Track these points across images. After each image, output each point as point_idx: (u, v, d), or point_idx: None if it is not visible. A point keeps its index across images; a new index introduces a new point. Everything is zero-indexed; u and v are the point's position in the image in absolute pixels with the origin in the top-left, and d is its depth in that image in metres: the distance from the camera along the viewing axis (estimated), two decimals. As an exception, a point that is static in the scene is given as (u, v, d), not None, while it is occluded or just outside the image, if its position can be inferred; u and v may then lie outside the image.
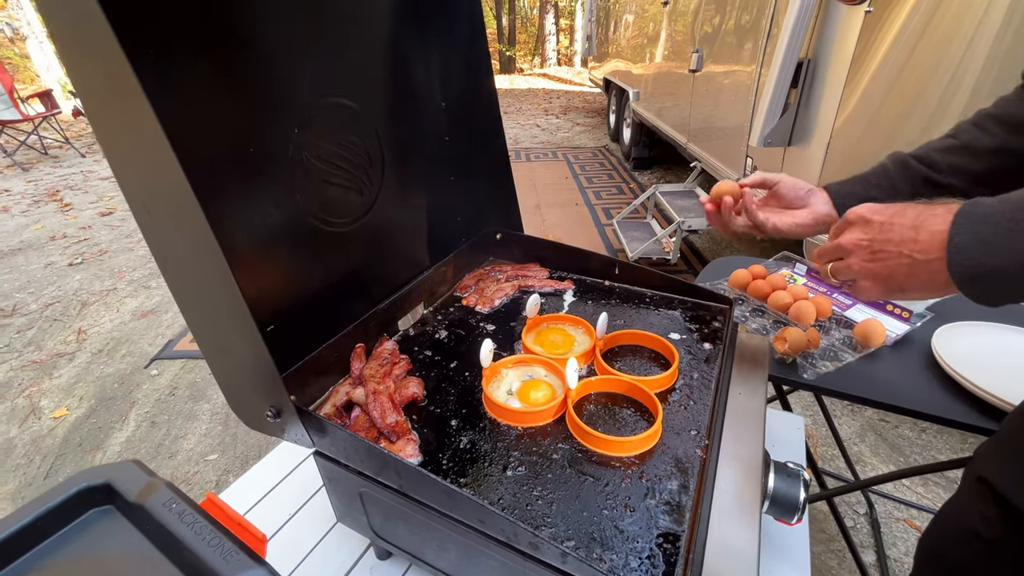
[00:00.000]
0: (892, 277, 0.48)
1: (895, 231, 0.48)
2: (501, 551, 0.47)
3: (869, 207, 0.51)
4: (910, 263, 0.46)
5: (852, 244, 0.51)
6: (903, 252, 0.46)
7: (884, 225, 0.49)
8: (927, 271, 0.45)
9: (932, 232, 0.44)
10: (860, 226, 0.51)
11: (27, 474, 1.82)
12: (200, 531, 0.43)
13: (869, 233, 0.50)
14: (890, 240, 0.48)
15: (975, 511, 0.62)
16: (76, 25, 0.38)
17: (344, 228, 0.71)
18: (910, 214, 0.47)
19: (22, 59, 10.52)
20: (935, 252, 0.44)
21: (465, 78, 0.87)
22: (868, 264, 0.50)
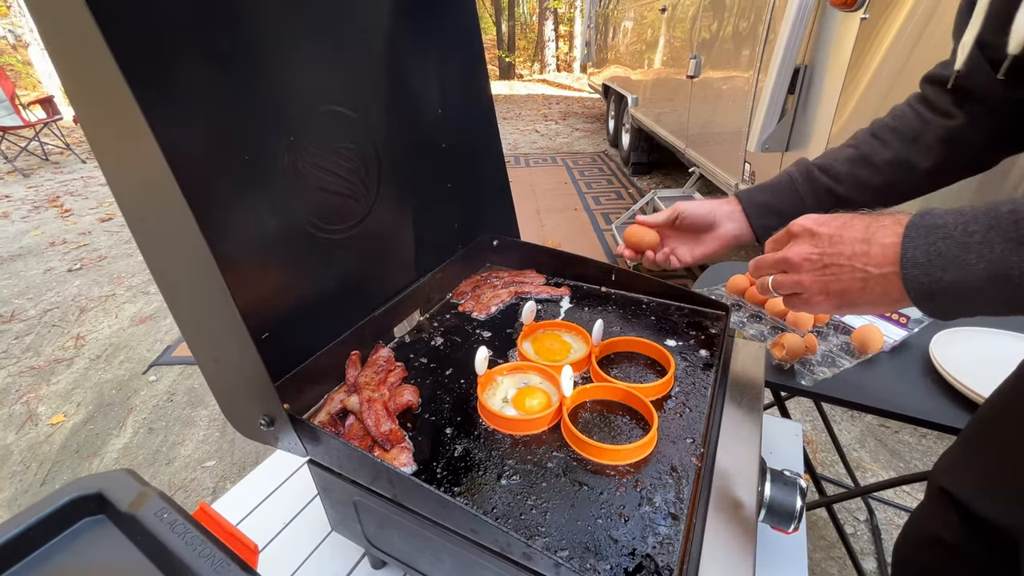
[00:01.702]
0: (846, 292, 0.46)
1: (846, 244, 0.45)
2: (495, 561, 0.46)
3: (814, 219, 0.49)
4: (864, 277, 0.44)
5: (800, 258, 0.49)
6: (856, 266, 0.44)
7: (833, 238, 0.47)
8: (882, 286, 0.43)
9: (884, 245, 0.43)
10: (807, 239, 0.49)
11: (23, 481, 1.81)
12: (191, 542, 0.43)
13: (818, 246, 0.47)
14: (841, 254, 0.45)
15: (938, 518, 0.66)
16: (68, 33, 0.38)
17: (340, 235, 0.71)
18: (859, 226, 0.45)
19: (24, 65, 10.58)
20: (888, 266, 0.42)
21: (462, 85, 0.87)
22: (820, 278, 0.47)
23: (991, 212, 0.37)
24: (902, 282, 0.41)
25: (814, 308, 0.50)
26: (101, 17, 0.34)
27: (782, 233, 0.52)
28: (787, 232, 0.51)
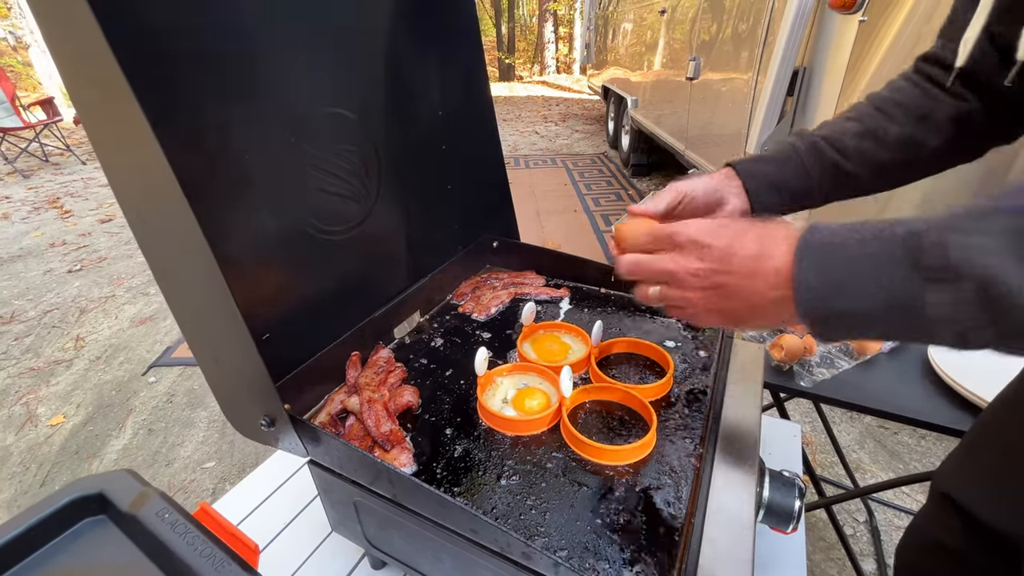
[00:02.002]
0: (737, 312, 0.43)
1: (736, 262, 0.42)
2: (494, 561, 0.47)
3: (701, 228, 0.45)
4: (756, 302, 0.41)
5: (687, 273, 0.44)
6: (747, 287, 0.41)
7: (724, 254, 0.42)
8: (774, 308, 0.40)
9: (776, 267, 0.39)
10: (694, 251, 0.44)
11: (23, 482, 1.81)
12: (192, 541, 0.43)
13: (706, 262, 0.43)
14: (731, 272, 0.42)
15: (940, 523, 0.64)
16: (71, 34, 0.38)
17: (340, 236, 0.71)
18: (751, 241, 0.42)
19: (24, 67, 10.58)
20: (781, 289, 0.39)
21: (462, 87, 0.87)
22: (710, 297, 0.44)
23: (886, 232, 0.35)
24: (795, 307, 0.38)
25: (702, 323, 0.47)
26: (104, 18, 0.35)
27: (665, 238, 0.47)
28: (670, 239, 0.46)
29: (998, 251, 0.30)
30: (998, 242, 0.30)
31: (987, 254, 0.30)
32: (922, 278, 0.32)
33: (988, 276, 0.30)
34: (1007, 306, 0.30)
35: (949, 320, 0.32)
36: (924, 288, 0.32)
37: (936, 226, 0.33)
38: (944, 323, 0.32)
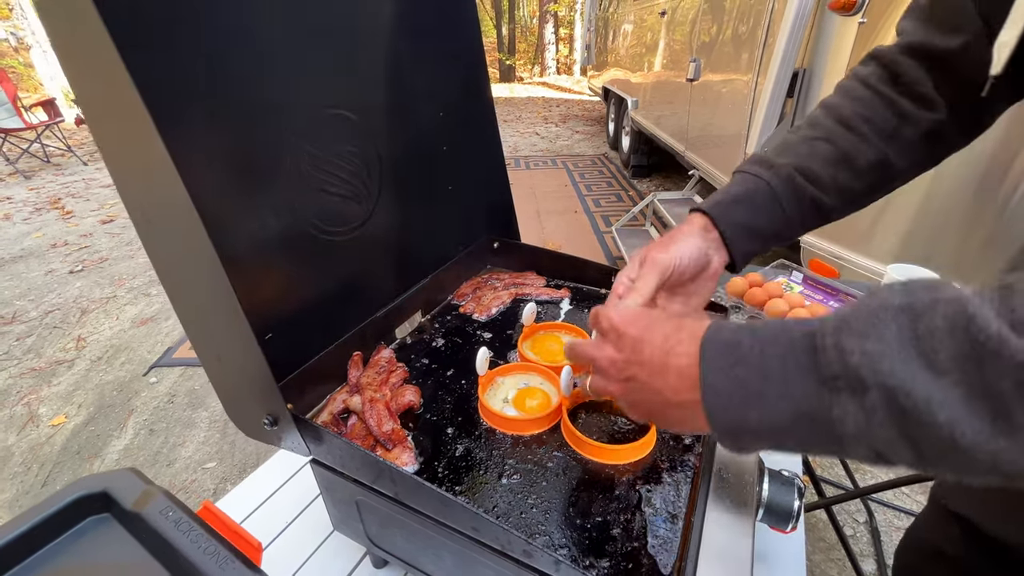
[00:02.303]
0: (652, 413, 0.40)
1: (646, 353, 0.39)
2: (496, 559, 0.47)
3: (623, 315, 0.43)
4: (663, 401, 0.38)
5: (606, 362, 0.42)
6: (654, 386, 0.38)
7: (636, 344, 0.40)
8: (682, 413, 0.37)
9: (680, 367, 0.36)
10: (613, 340, 0.42)
11: (24, 482, 1.82)
12: (196, 539, 0.43)
13: (622, 352, 0.41)
14: (642, 365, 0.39)
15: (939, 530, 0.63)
16: (77, 35, 0.39)
17: (342, 237, 0.72)
18: (659, 333, 0.39)
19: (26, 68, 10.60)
20: (688, 393, 0.35)
21: (463, 88, 0.88)
22: (625, 390, 0.41)
23: (786, 333, 0.31)
24: (705, 416, 0.34)
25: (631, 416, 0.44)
26: (109, 17, 0.35)
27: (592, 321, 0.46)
28: (597, 323, 0.45)
29: (900, 356, 0.26)
30: (898, 346, 0.26)
31: (887, 360, 0.26)
32: (825, 388, 0.28)
33: (893, 386, 0.26)
34: (918, 422, 0.25)
35: (859, 436, 0.28)
36: (829, 399, 0.28)
37: (831, 328, 0.29)
38: (855, 439, 0.28)
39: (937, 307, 0.26)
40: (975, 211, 1.46)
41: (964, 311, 0.25)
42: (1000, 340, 0.23)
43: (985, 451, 0.24)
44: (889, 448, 0.27)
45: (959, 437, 0.24)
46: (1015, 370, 0.23)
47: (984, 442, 0.24)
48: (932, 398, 0.25)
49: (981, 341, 0.24)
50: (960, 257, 1.51)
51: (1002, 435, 0.23)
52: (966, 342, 0.24)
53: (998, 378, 0.23)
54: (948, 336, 0.25)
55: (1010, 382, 0.23)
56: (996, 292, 0.25)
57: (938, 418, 0.24)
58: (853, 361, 0.27)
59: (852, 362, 0.27)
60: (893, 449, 0.27)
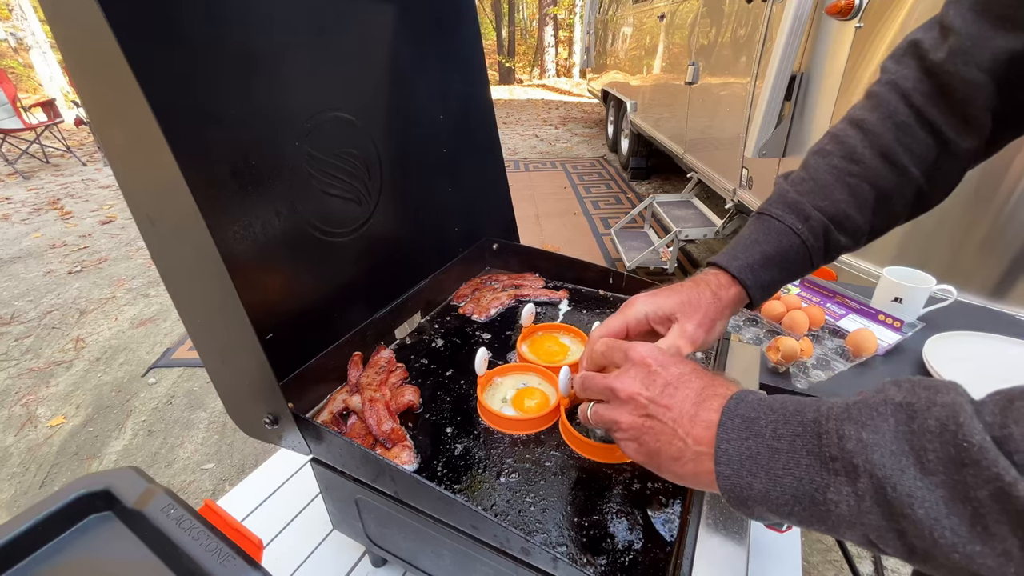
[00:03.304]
0: (658, 453, 0.40)
1: (677, 399, 0.39)
2: (494, 557, 0.47)
3: (657, 355, 0.42)
4: (681, 448, 0.38)
5: (628, 394, 0.41)
6: (677, 432, 0.38)
7: (667, 388, 0.40)
8: (694, 464, 0.37)
9: (707, 423, 0.37)
10: (642, 375, 0.42)
11: (22, 483, 1.82)
12: (198, 536, 0.44)
13: (650, 390, 0.40)
14: (669, 410, 0.39)
15: None
16: (83, 38, 0.39)
17: (343, 238, 0.72)
18: (695, 387, 0.39)
19: (25, 69, 10.61)
20: (706, 445, 0.36)
21: (463, 91, 0.89)
22: (639, 425, 0.41)
23: (798, 416, 0.32)
24: (714, 476, 0.35)
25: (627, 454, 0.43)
26: (116, 23, 0.35)
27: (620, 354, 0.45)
28: (625, 355, 0.44)
29: (892, 449, 0.27)
30: (892, 439, 0.27)
31: (879, 451, 0.27)
32: (825, 468, 0.30)
33: (881, 476, 0.27)
34: (901, 514, 0.26)
35: (851, 521, 0.28)
36: (827, 480, 0.30)
37: (835, 414, 0.30)
38: (847, 523, 0.29)
39: (933, 409, 0.27)
40: (971, 215, 1.47)
41: (956, 418, 0.26)
42: (981, 451, 0.24)
43: (962, 553, 0.25)
44: (880, 537, 0.28)
45: (938, 536, 0.25)
46: (991, 480, 0.24)
47: (961, 545, 0.24)
48: (915, 495, 0.26)
49: (965, 447, 0.25)
50: (956, 260, 1.52)
51: (978, 540, 0.24)
52: (952, 446, 0.25)
53: (977, 486, 0.24)
54: (938, 438, 0.26)
55: (987, 492, 0.24)
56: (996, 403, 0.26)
57: (917, 513, 0.25)
58: (849, 447, 0.29)
59: (848, 447, 0.29)
60: (884, 539, 0.28)
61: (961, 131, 0.48)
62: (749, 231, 0.54)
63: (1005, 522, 0.23)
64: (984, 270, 1.48)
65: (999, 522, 0.23)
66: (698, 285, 0.52)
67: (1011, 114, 0.46)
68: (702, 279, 0.53)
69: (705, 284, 0.52)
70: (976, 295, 1.49)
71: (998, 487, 0.23)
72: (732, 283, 0.52)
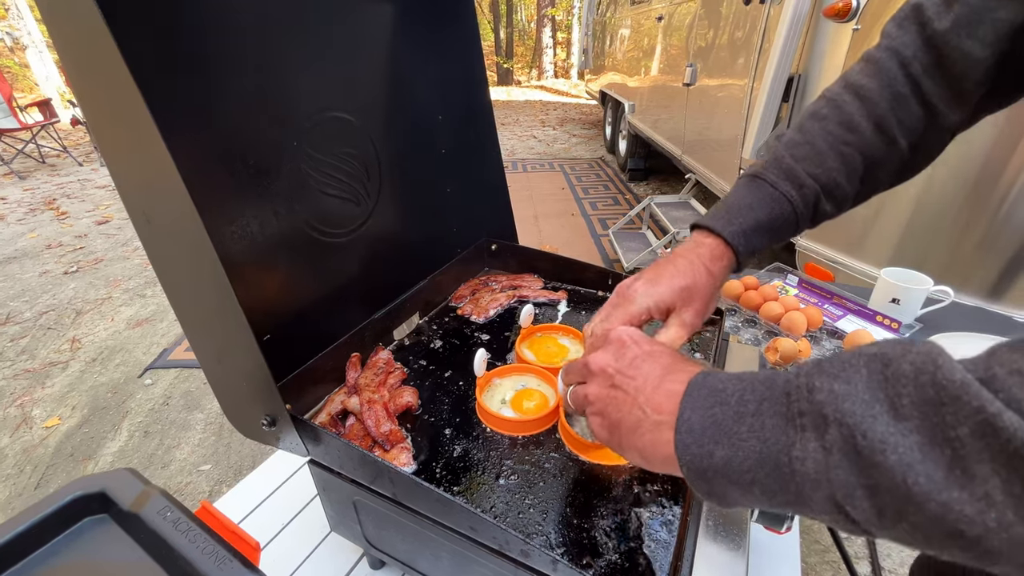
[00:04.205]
0: (619, 425, 0.39)
1: (643, 371, 0.39)
2: (493, 559, 0.47)
3: (635, 334, 0.43)
4: (640, 417, 0.37)
5: (598, 367, 0.42)
6: (638, 400, 0.38)
7: (635, 361, 0.40)
8: (653, 434, 0.36)
9: (669, 393, 0.36)
10: (615, 350, 0.42)
11: (17, 484, 1.80)
12: (194, 539, 0.43)
13: (620, 362, 0.41)
14: (634, 378, 0.39)
15: None
16: (81, 38, 0.39)
17: (341, 239, 0.72)
18: (663, 362, 0.39)
19: (21, 68, 10.57)
20: (666, 414, 0.36)
21: (462, 91, 0.88)
22: (605, 396, 0.41)
23: (767, 383, 0.32)
24: (674, 448, 0.34)
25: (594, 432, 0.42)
26: (112, 20, 0.35)
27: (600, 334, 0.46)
28: (605, 335, 0.45)
29: (864, 398, 0.26)
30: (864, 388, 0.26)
31: (850, 400, 0.26)
32: (791, 426, 0.29)
33: (852, 424, 0.26)
34: (871, 463, 0.25)
35: (817, 479, 0.27)
36: (793, 437, 0.28)
37: (806, 370, 0.30)
38: (813, 483, 0.27)
39: (907, 355, 0.26)
40: (968, 215, 1.48)
41: (934, 360, 0.25)
42: (963, 386, 0.23)
43: (937, 501, 0.23)
44: (848, 496, 0.26)
45: (912, 484, 0.24)
46: (973, 415, 0.22)
47: (936, 491, 0.23)
48: (887, 440, 0.25)
49: (944, 385, 0.24)
50: (953, 261, 1.53)
51: (956, 485, 0.23)
52: (931, 387, 0.24)
53: (956, 424, 0.23)
54: (913, 382, 0.25)
55: (967, 428, 0.23)
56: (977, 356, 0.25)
57: (889, 460, 0.24)
58: (819, 398, 0.28)
59: (818, 399, 0.28)
60: (851, 498, 0.26)
61: (952, 105, 0.48)
62: (742, 194, 0.53)
63: (987, 460, 0.22)
64: (981, 271, 1.49)
65: (980, 461, 0.22)
66: (693, 264, 0.51)
67: (1000, 88, 0.47)
68: (694, 252, 0.52)
69: (699, 259, 0.51)
70: (973, 296, 1.49)
71: (981, 420, 0.22)
72: (725, 250, 0.52)
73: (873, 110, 0.50)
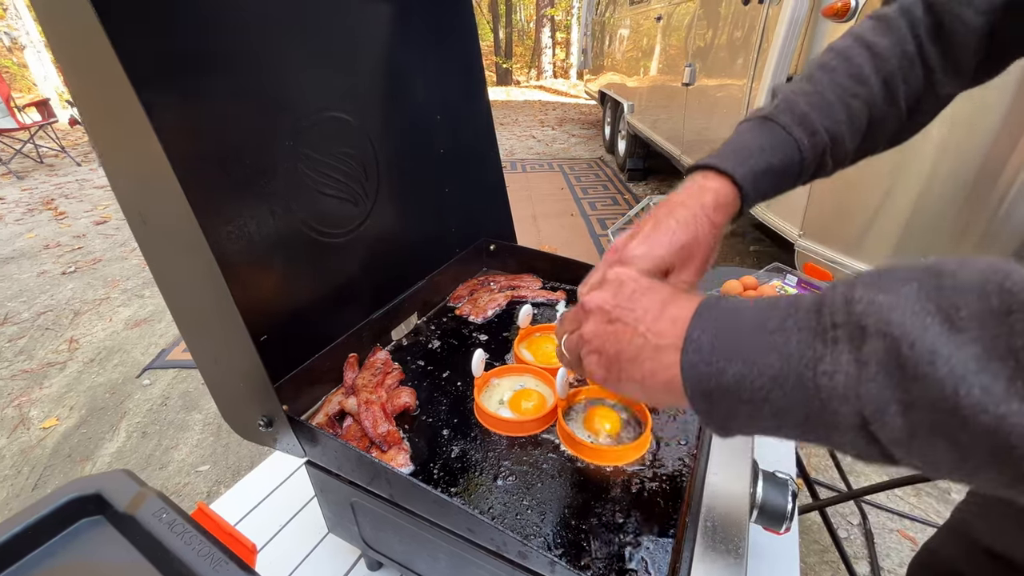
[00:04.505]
0: (618, 357, 0.37)
1: (643, 301, 0.37)
2: (491, 560, 0.47)
3: (634, 274, 0.41)
4: (641, 344, 0.36)
5: (595, 305, 0.40)
6: (638, 329, 0.36)
7: (636, 293, 0.39)
8: (654, 361, 0.35)
9: (674, 318, 0.34)
10: (612, 288, 0.40)
11: (15, 485, 1.80)
12: (190, 541, 0.43)
13: (618, 298, 0.39)
14: (633, 309, 0.37)
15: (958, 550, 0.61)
16: (75, 36, 0.39)
17: (339, 239, 0.72)
18: (664, 293, 0.38)
19: (20, 68, 10.55)
20: (670, 338, 0.34)
21: (460, 91, 0.88)
22: (602, 332, 0.39)
23: (791, 301, 0.30)
24: (680, 369, 0.32)
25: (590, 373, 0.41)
26: (107, 20, 0.35)
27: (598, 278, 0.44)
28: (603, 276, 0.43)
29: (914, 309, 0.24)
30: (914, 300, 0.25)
31: (897, 311, 0.25)
32: (820, 340, 0.27)
33: (898, 335, 0.24)
34: (915, 375, 0.23)
35: (845, 394, 0.25)
36: (821, 351, 0.27)
37: (846, 284, 0.28)
38: (840, 399, 0.26)
39: (969, 266, 0.24)
40: (967, 214, 1.48)
41: (1000, 268, 0.23)
42: None
43: (993, 415, 0.22)
44: (877, 411, 0.25)
45: (963, 396, 0.22)
46: None
47: (994, 404, 0.22)
48: (938, 351, 0.23)
49: (1014, 293, 0.22)
50: (952, 261, 1.53)
51: (1017, 398, 0.21)
52: (996, 295, 0.22)
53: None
54: (975, 292, 0.23)
55: None
56: None
57: (939, 371, 0.23)
58: (858, 309, 0.26)
59: (857, 310, 0.26)
60: (880, 413, 0.24)
61: (950, 74, 0.48)
62: (753, 135, 0.49)
63: None
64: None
65: None
66: (695, 215, 0.47)
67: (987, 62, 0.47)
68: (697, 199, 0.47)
69: (701, 209, 0.47)
70: (971, 296, 1.49)
71: None
72: (732, 195, 0.48)
73: (883, 66, 0.48)
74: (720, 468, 0.56)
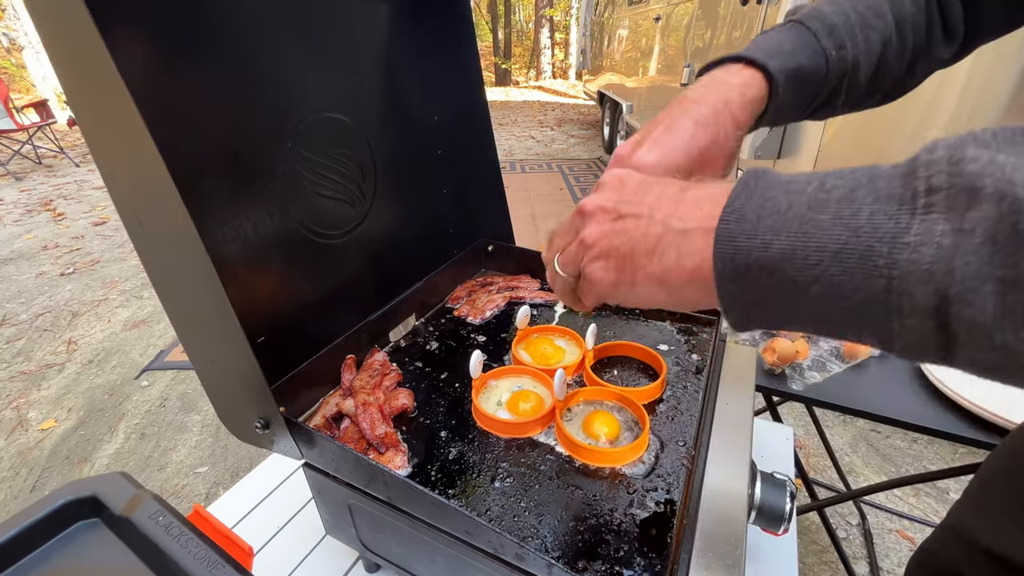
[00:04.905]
0: (632, 254, 0.32)
1: (655, 191, 0.32)
2: (488, 563, 0.47)
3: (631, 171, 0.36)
4: (659, 233, 0.31)
5: (594, 207, 0.35)
6: (654, 217, 0.31)
7: (643, 184, 0.33)
8: (678, 249, 0.30)
9: (698, 199, 0.30)
10: (611, 185, 0.35)
11: (12, 487, 1.80)
12: (186, 544, 0.43)
13: (622, 193, 0.34)
14: (643, 201, 0.32)
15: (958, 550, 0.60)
16: (69, 36, 0.39)
17: (336, 240, 0.72)
18: (679, 184, 0.33)
19: (18, 69, 10.53)
20: (698, 220, 0.29)
21: (458, 92, 0.88)
22: (607, 231, 0.33)
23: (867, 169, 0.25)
24: (712, 243, 0.27)
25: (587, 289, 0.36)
26: (101, 20, 0.35)
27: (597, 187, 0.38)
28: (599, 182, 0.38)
29: None
30: None
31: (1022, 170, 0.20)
32: (906, 209, 0.22)
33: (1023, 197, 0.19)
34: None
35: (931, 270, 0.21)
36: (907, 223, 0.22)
37: (949, 142, 0.23)
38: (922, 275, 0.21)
39: None
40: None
41: None
42: None
43: None
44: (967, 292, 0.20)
45: None
46: None
47: None
48: None
49: None
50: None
51: None
52: None
53: None
54: None
55: None
56: None
57: None
58: (971, 169, 0.21)
59: (969, 170, 0.21)
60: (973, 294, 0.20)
61: (943, 40, 0.47)
62: (782, 38, 0.44)
63: None
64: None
65: None
66: (717, 112, 0.42)
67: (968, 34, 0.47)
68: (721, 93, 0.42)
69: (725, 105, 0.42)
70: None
71: None
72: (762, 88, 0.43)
73: (899, 8, 0.46)
74: (718, 469, 0.56)
